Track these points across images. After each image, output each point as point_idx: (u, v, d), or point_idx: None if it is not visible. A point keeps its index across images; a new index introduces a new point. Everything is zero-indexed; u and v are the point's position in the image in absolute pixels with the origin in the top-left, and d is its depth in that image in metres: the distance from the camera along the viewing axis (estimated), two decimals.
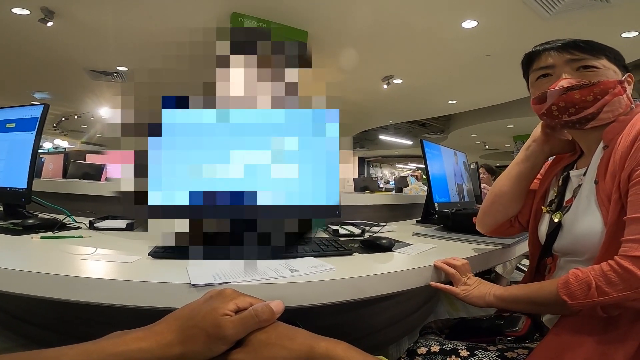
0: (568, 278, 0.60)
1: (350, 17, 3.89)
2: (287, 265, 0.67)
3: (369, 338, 1.61)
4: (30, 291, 0.59)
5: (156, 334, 0.43)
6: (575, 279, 0.59)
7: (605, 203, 0.65)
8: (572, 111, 0.72)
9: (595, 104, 0.70)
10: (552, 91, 0.72)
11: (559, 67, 0.74)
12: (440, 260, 0.81)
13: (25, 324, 1.50)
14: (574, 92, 0.70)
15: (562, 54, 0.73)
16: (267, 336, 0.46)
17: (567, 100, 0.71)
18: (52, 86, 6.91)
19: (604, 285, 0.56)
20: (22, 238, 0.90)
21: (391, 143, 12.85)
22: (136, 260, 0.71)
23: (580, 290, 0.58)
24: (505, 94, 6.85)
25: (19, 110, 1.21)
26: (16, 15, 3.93)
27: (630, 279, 0.54)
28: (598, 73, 0.71)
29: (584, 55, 0.72)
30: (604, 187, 0.66)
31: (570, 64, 0.73)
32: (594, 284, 0.56)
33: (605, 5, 3.43)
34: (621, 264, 0.55)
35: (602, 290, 0.56)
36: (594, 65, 0.71)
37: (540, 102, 0.76)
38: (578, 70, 0.72)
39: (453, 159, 1.75)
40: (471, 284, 0.80)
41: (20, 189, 1.14)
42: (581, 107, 0.70)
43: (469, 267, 0.83)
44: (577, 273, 0.60)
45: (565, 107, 0.72)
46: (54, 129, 10.73)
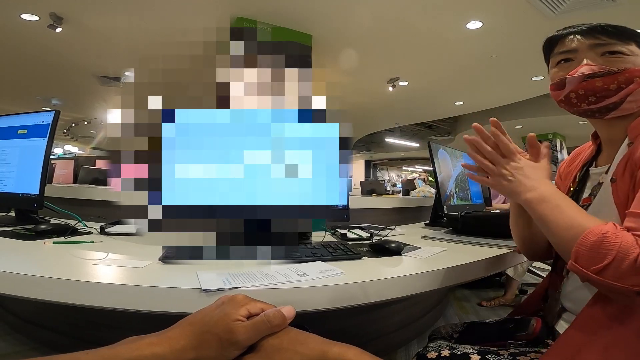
0: (596, 240, 0.53)
1: (354, 19, 3.91)
2: (296, 270, 0.67)
3: (377, 342, 1.60)
4: (42, 296, 0.59)
5: (170, 339, 0.44)
6: (603, 244, 0.52)
7: (623, 203, 0.61)
8: (592, 100, 0.67)
9: (618, 93, 0.64)
10: (572, 77, 0.67)
11: (582, 52, 0.68)
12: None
13: (37, 328, 1.52)
14: (596, 79, 0.65)
15: (587, 38, 0.68)
16: (279, 341, 0.46)
17: (588, 88, 0.66)
18: (62, 92, 7.02)
19: (613, 268, 0.51)
20: (34, 243, 0.91)
21: (397, 145, 12.81)
22: (147, 265, 0.71)
23: (592, 259, 0.52)
24: (512, 95, 6.79)
25: (31, 117, 1.23)
26: (25, 21, 4.00)
27: (637, 276, 0.50)
28: (625, 60, 0.65)
29: (611, 40, 0.66)
30: (622, 186, 0.62)
31: (594, 49, 0.67)
32: (609, 261, 0.51)
33: (611, 5, 3.40)
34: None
35: (607, 271, 0.51)
36: (620, 51, 0.66)
37: (559, 89, 0.71)
38: (603, 55, 0.67)
39: (461, 160, 1.74)
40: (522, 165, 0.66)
41: (33, 194, 1.16)
42: (603, 95, 0.65)
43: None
44: (608, 237, 0.52)
45: (585, 95, 0.67)
46: (65, 134, 10.89)
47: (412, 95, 6.72)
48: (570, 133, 9.42)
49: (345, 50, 4.58)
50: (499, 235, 1.13)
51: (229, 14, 3.81)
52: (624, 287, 0.51)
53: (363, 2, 3.57)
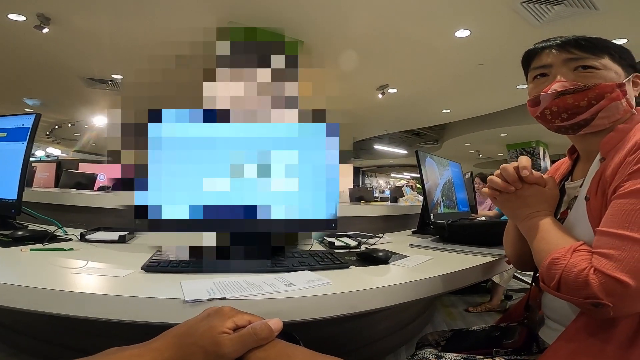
0: (550, 261, 0.58)
1: (345, 26, 3.94)
2: (283, 280, 0.66)
3: (366, 349, 1.59)
4: (18, 305, 0.57)
5: (153, 351, 0.43)
6: (554, 265, 0.58)
7: (596, 220, 0.62)
8: (564, 116, 0.68)
9: (589, 110, 0.65)
10: (545, 95, 0.69)
11: (556, 67, 0.69)
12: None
13: (15, 334, 1.47)
14: (567, 96, 0.66)
15: (560, 53, 0.69)
16: (266, 354, 0.45)
17: (560, 104, 0.67)
18: (46, 93, 6.87)
19: (563, 284, 0.56)
20: (11, 250, 0.88)
21: (386, 152, 12.92)
22: (128, 274, 0.69)
23: (549, 277, 0.58)
24: (498, 103, 6.95)
25: (11, 120, 1.19)
26: (12, 21, 3.92)
27: (583, 289, 0.53)
28: (596, 75, 0.66)
29: (584, 54, 0.67)
30: (595, 203, 0.63)
31: (567, 63, 0.68)
32: (558, 278, 0.56)
33: (595, 13, 3.51)
34: (588, 274, 0.53)
35: (560, 287, 0.56)
36: (592, 66, 0.66)
37: (534, 105, 0.72)
38: (576, 70, 0.67)
39: (447, 169, 1.75)
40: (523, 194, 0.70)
41: (10, 200, 1.12)
42: (574, 112, 0.66)
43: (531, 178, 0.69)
44: (558, 259, 0.58)
45: (557, 111, 0.68)
46: (47, 136, 10.64)
47: (401, 103, 6.80)
48: (553, 141, 9.67)
49: (336, 57, 4.62)
50: (485, 243, 1.15)
51: (219, 19, 3.80)
52: (579, 300, 0.54)
53: (354, 10, 3.61)
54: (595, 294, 0.52)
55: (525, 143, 9.82)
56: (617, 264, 0.51)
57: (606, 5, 3.39)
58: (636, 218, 0.53)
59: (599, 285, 0.52)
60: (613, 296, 0.51)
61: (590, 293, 0.52)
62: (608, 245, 0.54)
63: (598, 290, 0.52)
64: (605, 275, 0.52)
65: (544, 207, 0.69)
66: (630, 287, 0.50)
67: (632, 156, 0.57)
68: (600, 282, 0.52)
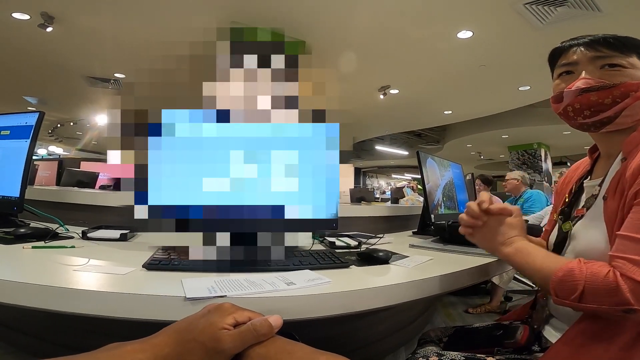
0: (563, 275, 0.58)
1: (347, 26, 3.95)
2: (283, 279, 0.67)
3: (365, 349, 1.60)
4: (20, 302, 0.58)
5: (154, 346, 0.43)
6: (570, 278, 0.57)
7: (611, 221, 0.62)
8: (587, 113, 0.67)
9: (613, 108, 0.65)
10: (568, 91, 0.68)
11: (582, 65, 0.69)
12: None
13: (14, 332, 1.47)
14: (591, 93, 0.65)
15: (588, 51, 0.68)
16: (266, 350, 0.45)
17: (583, 102, 0.67)
18: (49, 92, 6.89)
19: (588, 294, 0.55)
20: (13, 247, 0.88)
21: (387, 153, 12.91)
22: (130, 271, 0.69)
23: (567, 291, 0.57)
24: (499, 104, 6.94)
25: (14, 118, 1.20)
26: (16, 20, 3.94)
27: (615, 297, 0.53)
28: (623, 73, 0.65)
29: (611, 52, 0.66)
30: (612, 203, 0.63)
31: (594, 61, 0.68)
32: (581, 290, 0.56)
33: (598, 15, 3.50)
34: (618, 279, 0.54)
35: (585, 298, 0.56)
36: (619, 64, 0.66)
37: (558, 102, 0.72)
38: (602, 68, 0.67)
39: (448, 170, 1.76)
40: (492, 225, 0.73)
41: (13, 197, 1.12)
42: (597, 110, 0.66)
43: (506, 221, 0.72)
44: (574, 271, 0.57)
45: (580, 108, 0.67)
46: (49, 135, 10.67)
47: (403, 104, 6.80)
48: (555, 143, 9.65)
49: (338, 57, 4.62)
50: None
51: (222, 18, 3.80)
52: (608, 308, 0.54)
53: (357, 10, 3.61)
54: (627, 299, 0.52)
55: (527, 145, 9.81)
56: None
57: (609, 7, 3.39)
58: None
59: (629, 291, 0.52)
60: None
61: (623, 299, 0.52)
62: (634, 251, 0.54)
63: (630, 295, 0.52)
64: (634, 281, 0.52)
65: (515, 233, 0.71)
66: None
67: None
68: (630, 288, 0.52)
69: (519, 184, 3.67)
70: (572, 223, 0.74)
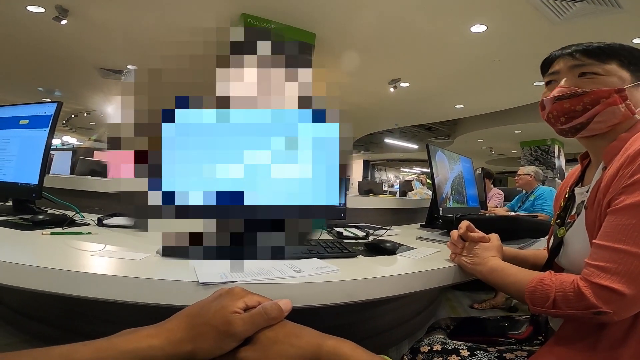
0: (536, 285, 0.63)
1: (358, 19, 3.91)
2: (292, 266, 0.68)
3: (368, 341, 1.61)
4: (39, 286, 0.60)
5: (167, 331, 0.44)
6: (542, 287, 0.62)
7: (590, 229, 0.65)
8: (562, 120, 0.72)
9: (584, 114, 0.68)
10: (547, 99, 0.73)
11: (562, 73, 0.72)
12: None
13: (28, 320, 1.51)
14: (564, 101, 0.69)
15: (568, 60, 0.72)
16: (275, 334, 0.46)
17: (558, 109, 0.71)
18: (63, 83, 7.01)
19: (560, 301, 0.59)
20: (32, 233, 0.91)
21: (396, 146, 12.83)
22: (144, 257, 0.72)
23: (541, 299, 0.62)
24: (512, 100, 6.82)
25: (33, 108, 1.23)
26: (31, 13, 4.00)
27: (582, 301, 0.56)
28: (596, 80, 0.68)
29: (588, 60, 0.69)
30: (591, 212, 0.65)
31: (572, 70, 0.71)
32: (553, 297, 0.60)
33: (617, 11, 3.41)
34: (581, 286, 0.57)
35: (557, 304, 0.60)
36: (594, 72, 0.68)
37: (542, 109, 0.76)
38: (580, 76, 0.70)
39: (458, 163, 1.75)
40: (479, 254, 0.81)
41: (32, 184, 1.16)
42: (570, 116, 0.70)
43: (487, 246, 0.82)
44: (545, 281, 0.62)
45: (557, 115, 0.72)
46: (64, 125, 10.85)
47: (413, 97, 6.74)
48: (569, 140, 9.43)
49: (347, 51, 4.59)
50: None
51: (234, 10, 3.81)
52: (580, 312, 0.57)
53: (368, 2, 3.58)
54: (593, 303, 0.55)
55: (540, 141, 9.63)
56: (613, 276, 0.55)
57: (629, 4, 3.29)
58: (631, 232, 0.55)
59: (594, 295, 0.55)
60: (611, 304, 0.54)
61: (589, 303, 0.56)
62: (604, 258, 0.57)
63: (596, 299, 0.55)
64: (598, 285, 0.55)
65: (492, 254, 0.79)
66: (626, 295, 0.53)
67: (627, 169, 0.58)
68: (594, 293, 0.55)
69: (532, 179, 3.56)
70: (565, 229, 0.77)
